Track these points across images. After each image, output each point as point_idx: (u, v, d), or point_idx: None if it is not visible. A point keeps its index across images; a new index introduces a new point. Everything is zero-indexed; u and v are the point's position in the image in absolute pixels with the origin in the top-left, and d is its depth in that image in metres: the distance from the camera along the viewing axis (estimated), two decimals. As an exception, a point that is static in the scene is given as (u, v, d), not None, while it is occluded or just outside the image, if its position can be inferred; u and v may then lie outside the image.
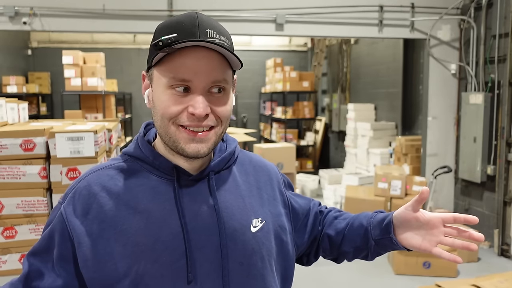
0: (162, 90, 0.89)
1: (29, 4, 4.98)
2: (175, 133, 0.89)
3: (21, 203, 1.94)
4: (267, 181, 1.07)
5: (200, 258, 0.90)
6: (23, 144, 1.92)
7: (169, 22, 0.89)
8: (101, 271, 0.88)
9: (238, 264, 0.93)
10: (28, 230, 1.95)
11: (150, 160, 0.95)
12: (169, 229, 0.89)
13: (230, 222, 0.94)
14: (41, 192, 1.95)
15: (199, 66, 0.86)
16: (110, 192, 0.92)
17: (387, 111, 7.77)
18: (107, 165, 0.97)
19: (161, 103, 0.89)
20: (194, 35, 0.85)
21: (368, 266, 4.66)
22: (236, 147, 1.06)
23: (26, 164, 1.93)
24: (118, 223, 0.89)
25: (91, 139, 1.98)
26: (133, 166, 0.96)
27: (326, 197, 7.36)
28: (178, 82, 0.87)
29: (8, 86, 7.98)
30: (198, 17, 0.88)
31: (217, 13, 5.31)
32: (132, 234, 0.89)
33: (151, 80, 0.93)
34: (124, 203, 0.91)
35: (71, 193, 0.94)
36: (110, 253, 0.88)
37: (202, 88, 0.87)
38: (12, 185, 1.93)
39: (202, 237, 0.91)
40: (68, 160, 1.96)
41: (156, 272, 0.88)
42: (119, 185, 0.93)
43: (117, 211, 0.90)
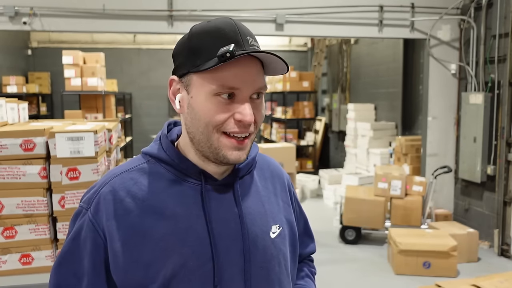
0: (207, 98, 0.88)
1: (29, 4, 4.98)
2: (218, 140, 0.89)
3: (21, 203, 1.94)
4: (283, 188, 1.09)
5: (225, 262, 0.91)
6: (23, 144, 1.92)
7: (207, 28, 0.89)
8: (131, 277, 0.89)
9: (259, 268, 0.95)
10: (28, 230, 1.95)
11: (176, 163, 0.94)
12: (196, 234, 0.90)
13: (252, 228, 0.95)
14: (41, 192, 1.95)
15: (247, 74, 0.87)
16: (136, 197, 0.91)
17: (387, 111, 7.77)
18: (130, 167, 0.96)
19: (207, 110, 0.88)
20: (238, 43, 0.86)
21: (368, 266, 4.66)
22: (258, 151, 1.07)
23: (26, 164, 1.93)
24: (145, 230, 0.89)
25: (91, 139, 1.98)
26: (156, 168, 0.95)
27: (326, 197, 7.37)
28: (227, 89, 0.87)
29: (8, 86, 7.98)
30: (236, 24, 0.89)
31: (217, 13, 5.31)
32: (160, 239, 0.89)
33: (188, 86, 0.91)
34: (151, 209, 0.91)
35: (96, 198, 0.92)
36: (138, 259, 0.88)
37: (247, 96, 0.89)
38: (12, 185, 1.92)
39: (227, 242, 0.92)
40: (68, 160, 1.96)
41: (184, 276, 0.89)
42: (144, 189, 0.92)
43: (143, 217, 0.90)
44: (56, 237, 2.01)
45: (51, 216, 2.00)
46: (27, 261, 1.96)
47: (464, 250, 4.67)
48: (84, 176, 1.98)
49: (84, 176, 1.98)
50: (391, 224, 5.23)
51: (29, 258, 1.96)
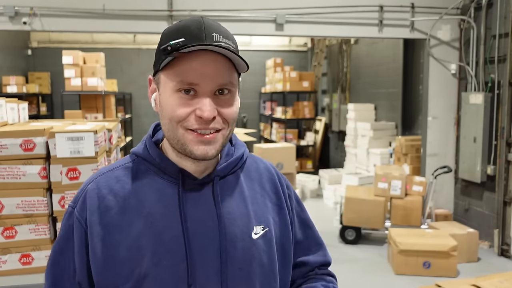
0: (170, 94, 0.90)
1: (29, 4, 4.98)
2: (183, 136, 0.90)
3: (21, 203, 1.93)
4: (273, 189, 1.07)
5: (200, 262, 0.91)
6: (23, 144, 1.92)
7: (175, 27, 0.91)
8: (106, 274, 0.90)
9: (237, 270, 0.94)
10: (28, 230, 1.95)
11: (157, 162, 0.96)
12: (171, 232, 0.91)
13: (231, 228, 0.94)
14: (41, 192, 1.95)
15: (206, 70, 0.88)
16: (117, 195, 0.94)
17: (387, 111, 7.77)
18: (116, 166, 0.99)
19: (169, 106, 0.90)
20: (201, 39, 0.87)
21: (368, 266, 4.66)
22: (245, 152, 1.06)
23: (26, 164, 1.93)
24: (123, 227, 0.91)
25: (91, 139, 1.98)
26: (141, 167, 0.97)
27: (326, 197, 7.37)
28: (186, 85, 0.88)
29: (8, 86, 7.98)
30: (204, 21, 0.90)
31: (218, 13, 5.32)
32: (136, 237, 0.90)
33: (158, 84, 0.94)
34: (130, 207, 0.92)
35: (82, 196, 0.95)
36: (115, 256, 0.90)
37: (209, 91, 0.89)
38: (12, 185, 1.92)
39: (203, 242, 0.92)
40: (68, 160, 1.96)
41: (157, 275, 0.89)
42: (126, 187, 0.94)
43: (122, 215, 0.92)
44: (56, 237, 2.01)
45: (51, 216, 2.00)
46: (27, 261, 1.96)
47: (464, 250, 4.67)
48: (84, 176, 1.98)
49: (84, 176, 1.98)
50: (391, 224, 5.23)
51: (29, 258, 1.96)
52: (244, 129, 6.93)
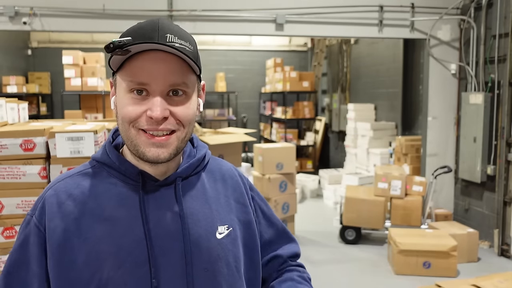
0: (123, 95, 0.89)
1: (29, 4, 4.98)
2: (135, 137, 0.89)
3: (21, 203, 1.94)
4: (236, 188, 1.07)
5: (164, 264, 0.90)
6: (23, 144, 1.92)
7: (131, 28, 0.89)
8: (65, 280, 0.88)
9: (202, 270, 0.93)
10: (28, 230, 1.95)
11: (116, 166, 0.94)
12: (133, 235, 0.89)
13: (195, 229, 0.94)
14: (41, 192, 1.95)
15: (156, 69, 0.86)
16: (76, 200, 0.92)
17: (387, 111, 7.77)
18: (75, 172, 0.97)
19: (121, 106, 0.89)
20: (151, 39, 0.85)
21: (368, 266, 4.66)
22: (206, 153, 1.06)
23: (26, 164, 1.93)
24: (82, 231, 0.89)
25: (91, 139, 1.98)
26: (100, 172, 0.96)
27: (326, 197, 7.37)
28: (136, 85, 0.87)
29: (8, 86, 7.98)
30: (160, 22, 0.88)
31: (218, 13, 5.32)
32: (96, 242, 0.89)
33: (115, 86, 0.94)
34: (89, 211, 0.91)
35: (40, 203, 0.93)
36: (74, 261, 0.88)
37: (160, 92, 0.87)
38: (12, 185, 1.92)
39: (166, 243, 0.91)
40: (68, 160, 1.96)
41: (120, 279, 0.88)
42: (85, 192, 0.93)
43: (81, 220, 0.90)
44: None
45: (51, 216, 2.00)
46: (27, 261, 1.96)
47: (464, 250, 4.67)
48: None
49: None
50: (391, 224, 5.23)
51: (29, 258, 1.96)
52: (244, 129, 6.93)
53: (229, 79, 10.42)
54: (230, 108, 10.53)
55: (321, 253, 5.00)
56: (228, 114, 10.31)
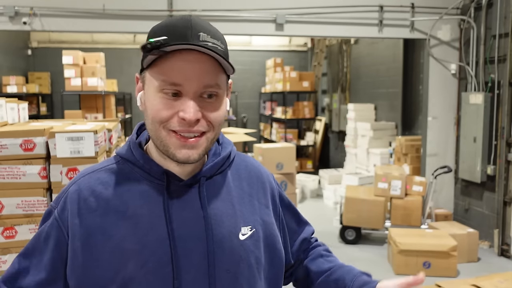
0: (153, 94, 0.87)
1: (29, 4, 4.98)
2: (166, 138, 0.88)
3: (21, 203, 1.94)
4: (260, 189, 1.05)
5: (186, 264, 0.89)
6: (23, 144, 1.92)
7: (162, 24, 0.88)
8: (88, 277, 0.88)
9: (225, 272, 0.92)
10: (28, 230, 1.95)
11: (141, 164, 0.93)
12: (156, 235, 0.88)
13: (219, 229, 0.92)
14: (41, 192, 1.95)
15: (190, 70, 0.84)
16: (99, 197, 0.91)
17: (387, 111, 7.77)
18: (99, 167, 0.96)
19: (152, 106, 0.87)
20: (185, 38, 0.83)
21: (368, 266, 4.66)
22: (232, 150, 1.04)
23: (26, 164, 1.93)
24: (106, 229, 0.89)
25: (91, 139, 1.98)
26: (124, 168, 0.95)
27: (326, 197, 7.37)
28: (169, 86, 0.85)
29: (8, 86, 7.98)
30: (192, 20, 0.86)
31: (217, 13, 5.31)
32: (120, 240, 0.88)
33: (143, 83, 0.92)
34: (113, 209, 0.90)
35: (63, 197, 0.93)
36: (97, 259, 0.88)
37: (193, 93, 0.86)
38: (12, 185, 1.92)
39: (189, 244, 0.89)
40: (68, 160, 1.96)
41: (142, 278, 0.87)
42: (109, 189, 0.92)
43: (105, 217, 0.89)
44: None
45: (51, 216, 2.00)
46: (27, 261, 1.96)
47: (464, 250, 4.67)
48: (84, 176, 1.98)
49: (84, 176, 1.98)
50: (391, 224, 5.23)
51: (29, 258, 1.96)
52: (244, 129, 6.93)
53: (229, 79, 10.40)
54: (230, 108, 10.53)
55: (321, 253, 4.99)
56: (228, 114, 10.31)
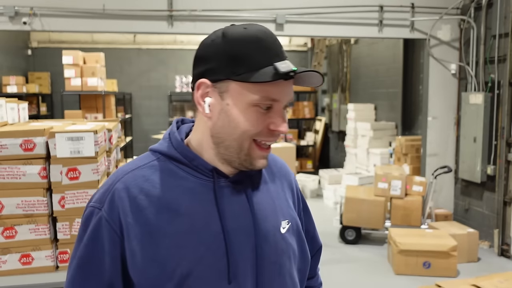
0: (247, 107, 0.89)
1: (29, 4, 4.98)
2: (249, 148, 0.91)
3: (21, 203, 1.94)
4: (288, 185, 1.11)
5: (238, 258, 0.92)
6: (23, 144, 1.92)
7: (248, 36, 0.89)
8: (148, 275, 0.89)
9: (271, 264, 0.96)
10: (28, 230, 1.95)
11: (186, 161, 0.95)
12: (210, 230, 0.91)
13: (264, 224, 0.97)
14: (41, 192, 1.95)
15: (286, 88, 0.90)
16: (149, 194, 0.91)
17: (387, 111, 7.77)
18: (140, 164, 0.96)
19: (246, 120, 0.89)
20: (279, 56, 0.90)
21: (368, 266, 4.66)
22: None
23: (26, 164, 1.93)
24: (160, 227, 0.89)
25: (91, 139, 1.98)
26: (167, 165, 0.95)
27: (326, 197, 7.37)
28: (269, 101, 0.89)
29: (8, 86, 7.98)
30: (273, 35, 0.91)
31: (217, 13, 5.31)
32: (175, 237, 0.89)
33: (223, 92, 0.90)
34: (165, 206, 0.91)
35: (109, 196, 0.91)
36: (155, 257, 0.89)
37: (282, 107, 0.92)
38: (12, 185, 1.92)
39: (240, 238, 0.93)
40: (68, 160, 1.96)
41: (200, 273, 0.89)
42: (156, 187, 0.92)
43: (158, 215, 0.90)
44: (56, 237, 2.01)
45: (51, 216, 2.00)
46: (27, 261, 1.96)
47: (464, 250, 4.67)
48: (84, 176, 1.98)
49: (84, 176, 1.98)
50: (391, 224, 5.23)
51: (29, 258, 1.96)
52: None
53: (229, 79, 10.40)
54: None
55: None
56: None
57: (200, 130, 0.96)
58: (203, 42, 0.94)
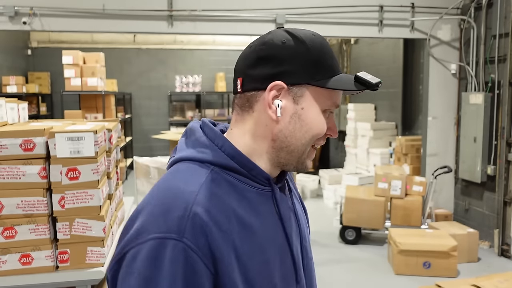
0: (318, 111, 0.90)
1: (29, 4, 4.98)
2: (307, 150, 0.93)
3: (21, 203, 1.93)
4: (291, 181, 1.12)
5: (297, 261, 0.95)
6: (23, 144, 1.92)
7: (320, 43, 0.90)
8: None
9: (310, 260, 1.01)
10: (28, 230, 1.95)
11: (245, 171, 0.89)
12: (278, 241, 0.91)
13: (301, 222, 1.01)
14: (41, 192, 1.95)
15: (340, 93, 0.93)
16: (227, 215, 0.82)
17: (387, 111, 7.77)
18: (202, 181, 0.84)
19: (319, 124, 0.90)
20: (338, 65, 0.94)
21: (368, 266, 4.66)
22: None
23: (26, 164, 1.92)
24: (244, 249, 0.83)
25: (91, 139, 1.98)
26: (225, 178, 0.87)
27: (326, 197, 7.37)
28: (334, 107, 0.92)
29: (8, 86, 7.98)
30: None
31: (217, 13, 5.31)
32: (256, 255, 0.84)
33: (298, 97, 0.88)
34: (241, 225, 0.84)
35: (189, 223, 0.77)
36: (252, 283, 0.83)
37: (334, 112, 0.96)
38: (12, 185, 1.92)
39: (295, 242, 0.96)
40: (68, 160, 1.96)
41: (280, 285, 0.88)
42: (230, 205, 0.84)
43: (240, 236, 0.83)
44: (56, 237, 2.01)
45: (51, 216, 2.00)
46: (27, 261, 1.96)
47: (464, 250, 4.67)
48: (84, 176, 1.98)
49: (84, 176, 1.98)
50: (391, 224, 5.23)
51: (29, 258, 1.96)
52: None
53: (229, 79, 10.42)
54: (230, 108, 10.53)
55: (321, 253, 5.00)
56: (228, 114, 10.31)
57: (251, 134, 0.90)
58: (266, 41, 0.89)
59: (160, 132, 8.12)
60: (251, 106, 0.90)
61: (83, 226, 2.01)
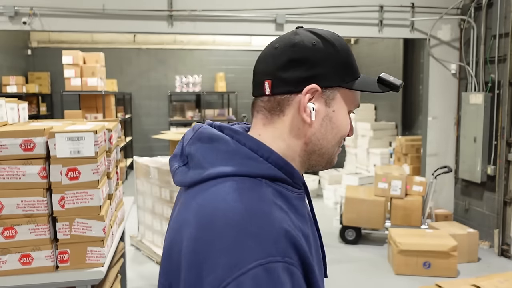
0: (346, 114, 0.92)
1: (29, 4, 4.98)
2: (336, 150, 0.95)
3: (21, 203, 1.93)
4: None
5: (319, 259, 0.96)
6: (23, 144, 1.92)
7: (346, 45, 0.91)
8: None
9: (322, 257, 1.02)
10: (28, 230, 1.95)
11: (290, 180, 0.88)
12: (318, 243, 0.92)
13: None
14: (41, 192, 1.95)
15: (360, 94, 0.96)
16: (299, 230, 0.81)
17: (387, 111, 7.77)
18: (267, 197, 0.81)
19: (346, 125, 0.93)
20: None
21: (368, 266, 4.66)
22: None
23: (26, 164, 1.92)
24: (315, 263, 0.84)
25: (91, 139, 1.98)
26: (277, 190, 0.85)
27: (326, 197, 7.37)
28: (356, 108, 0.94)
29: (8, 86, 7.98)
30: None
31: (217, 13, 5.31)
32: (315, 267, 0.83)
33: (330, 99, 0.88)
34: (306, 238, 0.83)
35: (284, 243, 0.75)
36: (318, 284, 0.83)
37: None
38: (12, 185, 1.92)
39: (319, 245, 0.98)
40: (68, 160, 1.96)
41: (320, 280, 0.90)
42: (293, 219, 0.82)
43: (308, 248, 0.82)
44: (56, 237, 2.01)
45: (51, 216, 2.00)
46: (27, 261, 1.96)
47: (464, 250, 4.67)
48: (84, 176, 1.98)
49: (84, 176, 1.98)
50: (391, 224, 5.23)
51: (29, 258, 1.96)
52: (244, 129, 6.92)
53: (229, 79, 10.42)
54: (230, 108, 10.53)
55: (321, 253, 5.00)
56: (228, 114, 10.31)
57: (284, 138, 0.89)
58: (297, 43, 0.87)
59: (160, 132, 8.12)
60: (282, 110, 0.88)
61: (83, 226, 2.01)
